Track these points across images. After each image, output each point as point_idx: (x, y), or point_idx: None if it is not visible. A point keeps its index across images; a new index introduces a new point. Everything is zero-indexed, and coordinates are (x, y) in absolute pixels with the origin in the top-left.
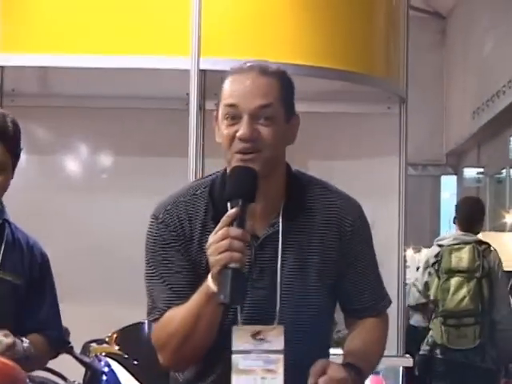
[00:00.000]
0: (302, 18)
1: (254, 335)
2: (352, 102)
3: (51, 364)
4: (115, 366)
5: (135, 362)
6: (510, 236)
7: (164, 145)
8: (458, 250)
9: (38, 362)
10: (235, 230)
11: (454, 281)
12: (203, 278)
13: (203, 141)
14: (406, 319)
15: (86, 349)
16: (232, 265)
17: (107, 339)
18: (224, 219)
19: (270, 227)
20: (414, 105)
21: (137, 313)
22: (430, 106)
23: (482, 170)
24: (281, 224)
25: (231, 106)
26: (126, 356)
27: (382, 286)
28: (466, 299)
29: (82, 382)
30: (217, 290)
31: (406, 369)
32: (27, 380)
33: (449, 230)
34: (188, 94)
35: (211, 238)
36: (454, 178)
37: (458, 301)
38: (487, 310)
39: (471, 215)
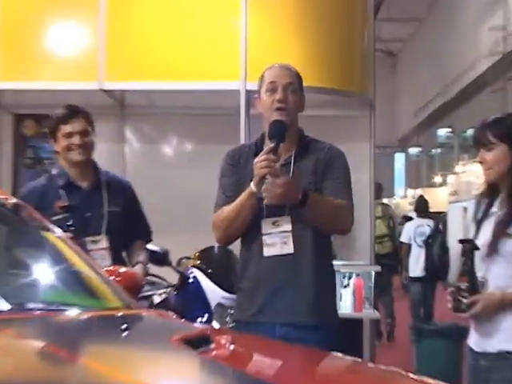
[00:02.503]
0: (310, 50)
1: (273, 223)
2: (334, 108)
3: (158, 272)
4: (198, 273)
5: (210, 271)
6: (437, 190)
7: (219, 140)
8: None
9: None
10: (270, 156)
11: None
12: (246, 188)
13: (250, 139)
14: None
15: (179, 263)
16: (266, 176)
17: (193, 256)
18: (265, 149)
19: (286, 159)
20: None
21: (210, 240)
22: (384, 114)
23: (420, 149)
24: (293, 158)
25: (272, 82)
26: (205, 267)
27: (347, 196)
28: None
29: (177, 283)
30: (256, 190)
31: None
32: (144, 282)
33: (398, 188)
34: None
35: (257, 159)
36: (403, 154)
37: None
38: None
39: None
